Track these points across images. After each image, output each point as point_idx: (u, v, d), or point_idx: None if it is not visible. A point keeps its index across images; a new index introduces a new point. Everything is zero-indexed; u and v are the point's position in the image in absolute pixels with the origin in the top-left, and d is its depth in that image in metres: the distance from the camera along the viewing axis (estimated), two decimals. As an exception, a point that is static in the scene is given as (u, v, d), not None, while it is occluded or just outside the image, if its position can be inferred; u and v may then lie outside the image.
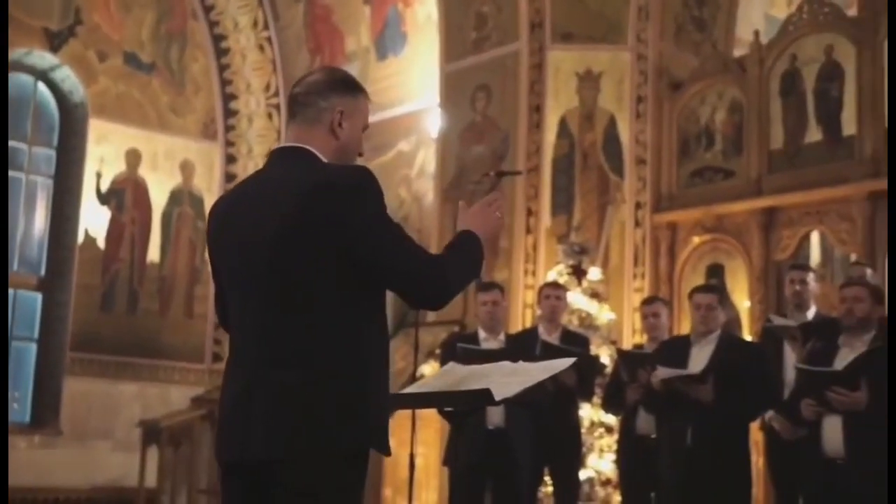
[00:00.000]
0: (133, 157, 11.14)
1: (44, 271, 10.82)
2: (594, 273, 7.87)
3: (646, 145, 8.70)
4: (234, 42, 11.91)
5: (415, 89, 10.48)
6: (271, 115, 11.85)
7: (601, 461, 7.07)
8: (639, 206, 8.62)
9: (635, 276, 8.49)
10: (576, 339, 6.08)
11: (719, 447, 5.16)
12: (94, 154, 10.91)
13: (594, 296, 7.76)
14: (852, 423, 4.58)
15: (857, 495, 4.56)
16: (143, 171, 11.24)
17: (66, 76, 10.93)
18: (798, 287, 5.83)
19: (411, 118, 10.43)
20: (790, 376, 5.40)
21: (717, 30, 9.33)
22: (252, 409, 2.34)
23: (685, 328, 7.58)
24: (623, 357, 6.07)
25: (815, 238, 8.19)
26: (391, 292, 2.46)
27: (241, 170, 11.52)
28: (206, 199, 11.31)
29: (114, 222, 10.98)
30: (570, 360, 2.85)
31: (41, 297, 10.77)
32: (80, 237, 10.72)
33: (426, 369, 7.31)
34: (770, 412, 5.52)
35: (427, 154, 10.15)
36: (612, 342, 7.58)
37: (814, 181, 7.72)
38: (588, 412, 6.98)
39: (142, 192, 11.20)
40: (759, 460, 6.02)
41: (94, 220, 10.85)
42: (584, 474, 6.90)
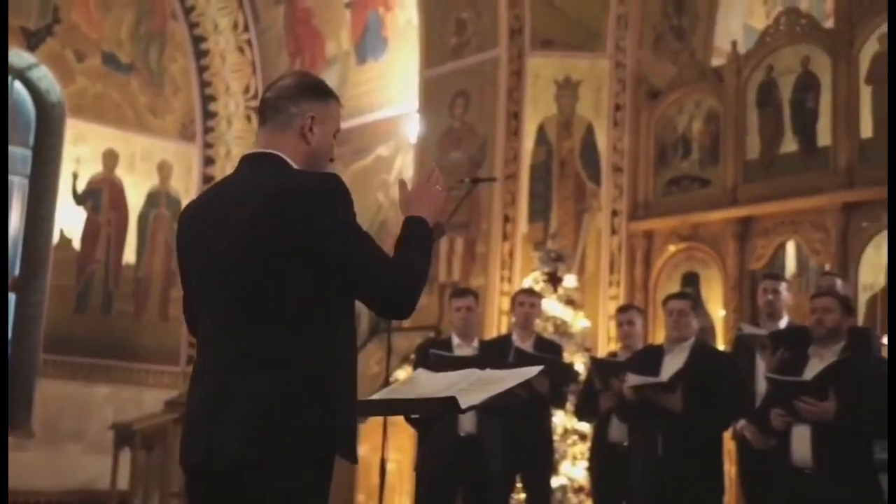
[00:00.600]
0: (110, 157, 11.08)
1: (18, 271, 10.75)
2: (570, 280, 7.89)
3: (623, 153, 8.73)
4: (213, 44, 11.88)
5: (394, 94, 10.48)
6: (250, 118, 11.82)
7: (574, 468, 7.08)
8: (615, 213, 8.65)
9: (611, 284, 8.51)
10: (549, 347, 6.09)
11: (690, 456, 5.18)
12: (70, 154, 10.85)
13: (569, 303, 7.78)
14: (820, 432, 4.61)
15: (824, 505, 4.58)
16: (121, 172, 11.18)
17: (44, 75, 10.87)
18: (771, 296, 5.86)
19: (390, 123, 10.43)
20: (763, 386, 5.42)
21: (695, 39, 9.37)
22: (218, 413, 2.34)
23: (660, 337, 7.60)
24: (596, 365, 6.08)
25: (791, 248, 8.24)
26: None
27: (219, 171, 11.49)
28: (184, 201, 11.26)
29: (90, 223, 10.92)
30: (537, 369, 2.86)
31: (15, 297, 10.70)
32: (56, 237, 10.66)
33: (401, 374, 7.30)
34: (742, 421, 5.54)
35: (406, 159, 10.15)
36: (587, 350, 7.60)
37: (789, 191, 7.76)
38: (562, 419, 6.99)
39: (118, 192, 11.15)
40: (731, 469, 6.03)
41: (69, 220, 10.79)
42: (556, 481, 6.91)
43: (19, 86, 10.94)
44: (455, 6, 9.40)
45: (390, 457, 5.66)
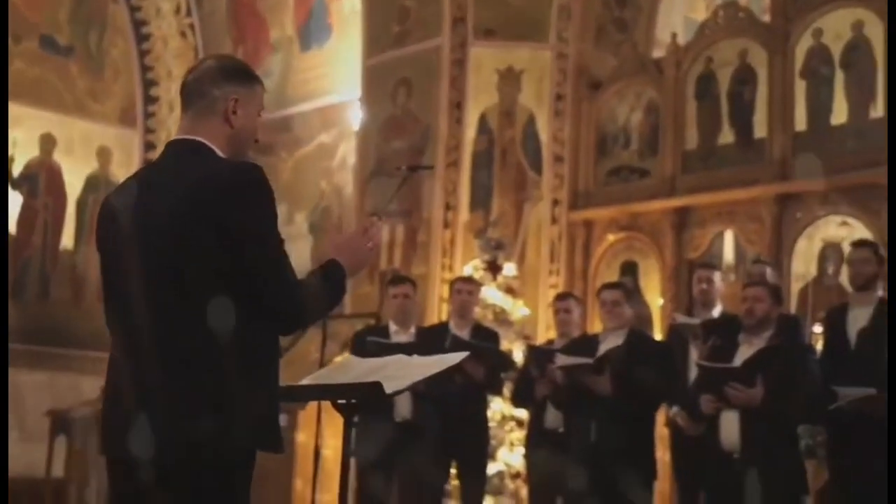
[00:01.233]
0: (47, 141, 10.91)
1: (-48, 257, 10.56)
2: (509, 269, 7.94)
3: (564, 143, 8.79)
4: (155, 28, 11.73)
5: (338, 81, 10.44)
6: (193, 103, 11.68)
7: (511, 455, 7.13)
8: (556, 203, 8.71)
9: (551, 273, 8.58)
10: (487, 335, 6.13)
11: (623, 442, 5.26)
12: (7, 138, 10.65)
13: (509, 291, 7.83)
14: (748, 418, 4.71)
15: (751, 489, 4.68)
16: (59, 157, 11.02)
17: (-21, 58, 10.67)
18: (705, 286, 5.96)
19: (334, 110, 10.39)
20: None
21: (637, 31, 9.44)
22: (137, 408, 2.31)
23: (599, 326, 7.68)
24: (532, 352, 6.13)
25: (729, 238, 8.35)
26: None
27: (160, 157, 11.34)
28: (124, 187, 11.11)
29: (26, 208, 10.74)
30: (462, 355, 2.89)
31: (-51, 283, 10.51)
32: (-9, 222, 10.48)
33: (339, 361, 7.30)
34: (675, 408, 5.63)
35: (348, 147, 10.12)
36: (526, 337, 7.65)
37: (725, 182, 7.88)
38: (500, 406, 7.05)
39: (56, 177, 10.98)
40: (665, 455, 6.13)
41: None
42: (494, 467, 6.96)
43: (-46, 68, 10.74)
44: (399, -6, 9.40)
45: (328, 443, 5.68)
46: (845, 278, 5.82)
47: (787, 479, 4.73)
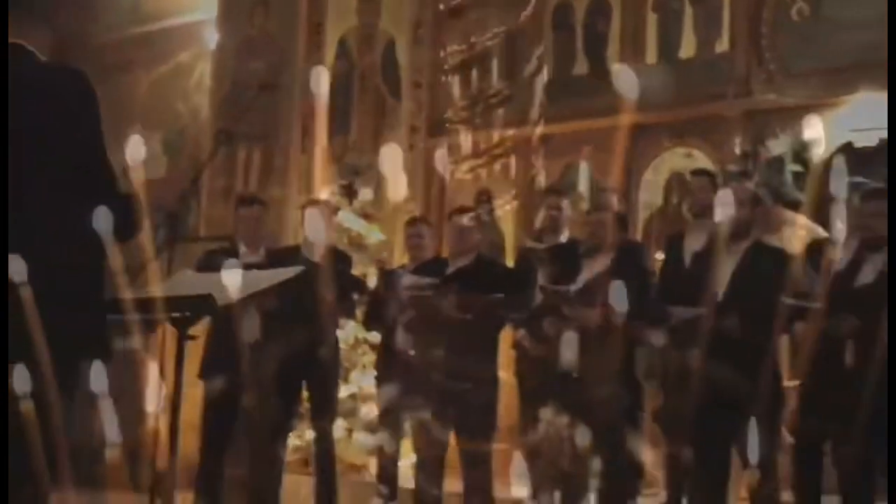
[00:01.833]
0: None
1: None
2: (366, 194, 7.94)
3: (423, 70, 8.78)
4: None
5: (197, -2, 10.13)
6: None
7: (363, 377, 7.21)
8: (414, 129, 8.72)
9: (407, 200, 8.60)
10: (339, 258, 6.14)
11: (469, 361, 5.38)
12: None
13: (365, 216, 7.84)
14: (586, 338, 4.89)
15: (587, 406, 4.88)
16: None
17: None
18: (554, 212, 6.09)
19: (191, 28, 10.07)
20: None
21: (501, -41, 9.42)
22: None
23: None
24: (384, 275, 6.18)
25: (584, 167, 8.52)
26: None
27: None
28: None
29: None
30: (296, 269, 2.91)
31: None
32: None
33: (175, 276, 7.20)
34: (521, 331, 5.77)
35: (206, 67, 9.86)
36: (380, 262, 7.69)
37: (579, 112, 8.01)
38: (353, 329, 7.09)
39: None
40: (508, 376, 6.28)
41: None
42: (346, 390, 7.02)
43: None
44: (257, -90, 9.14)
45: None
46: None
47: (620, 395, 4.94)
